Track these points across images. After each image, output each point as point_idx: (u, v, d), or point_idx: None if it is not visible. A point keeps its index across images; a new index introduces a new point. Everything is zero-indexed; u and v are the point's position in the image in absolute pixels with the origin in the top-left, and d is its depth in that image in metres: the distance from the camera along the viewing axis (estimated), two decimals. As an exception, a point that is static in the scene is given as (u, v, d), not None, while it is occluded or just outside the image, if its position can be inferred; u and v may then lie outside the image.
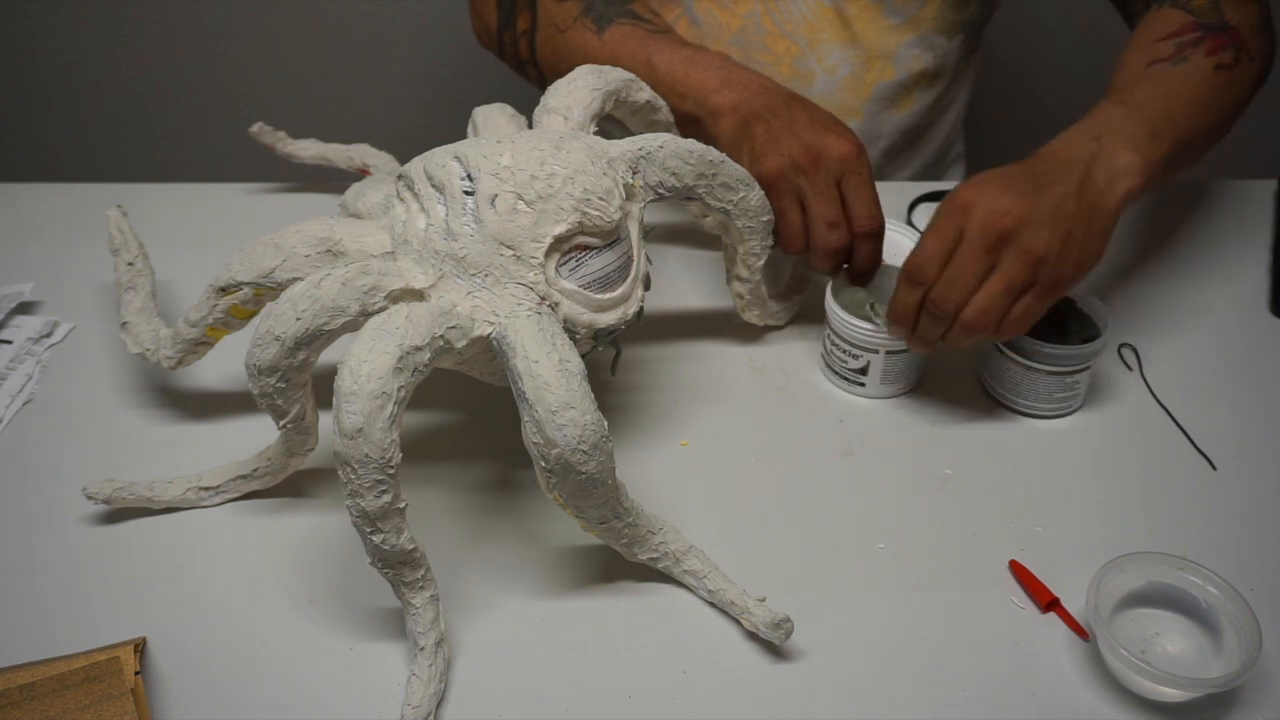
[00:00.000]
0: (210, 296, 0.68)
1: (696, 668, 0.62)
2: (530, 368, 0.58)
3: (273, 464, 0.69)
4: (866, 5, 0.97)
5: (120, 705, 0.56)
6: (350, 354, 0.56)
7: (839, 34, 0.98)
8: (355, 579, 0.66)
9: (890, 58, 1.00)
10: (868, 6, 0.97)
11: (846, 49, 0.99)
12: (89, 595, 0.65)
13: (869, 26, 0.98)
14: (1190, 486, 0.73)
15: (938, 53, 1.01)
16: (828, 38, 0.98)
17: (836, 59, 0.99)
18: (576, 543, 0.68)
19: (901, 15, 0.98)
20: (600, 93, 0.73)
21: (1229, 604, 0.61)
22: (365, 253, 0.64)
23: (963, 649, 0.63)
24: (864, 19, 0.98)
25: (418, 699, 0.58)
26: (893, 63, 1.00)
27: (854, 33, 0.98)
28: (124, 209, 0.82)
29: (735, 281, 0.79)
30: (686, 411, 0.78)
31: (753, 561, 0.67)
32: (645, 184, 0.68)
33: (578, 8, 0.89)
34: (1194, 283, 0.90)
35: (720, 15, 0.98)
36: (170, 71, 1.58)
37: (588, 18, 0.88)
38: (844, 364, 0.78)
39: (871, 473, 0.73)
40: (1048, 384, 0.75)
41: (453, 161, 0.63)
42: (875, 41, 0.99)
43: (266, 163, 0.98)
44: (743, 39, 0.98)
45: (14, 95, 1.60)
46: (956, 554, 0.68)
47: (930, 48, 1.00)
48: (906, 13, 0.98)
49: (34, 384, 0.79)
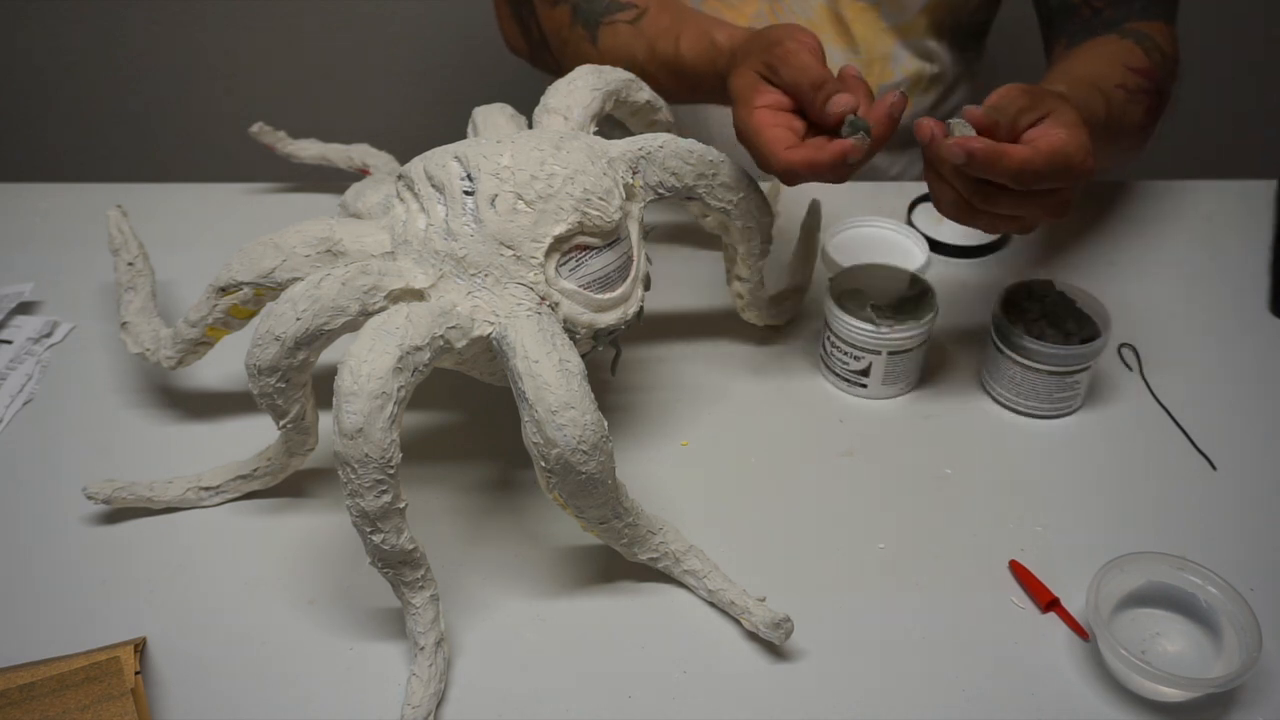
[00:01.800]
0: (210, 296, 0.68)
1: (696, 668, 0.62)
2: (530, 368, 0.58)
3: (273, 464, 0.69)
4: (863, 8, 0.98)
5: (120, 705, 0.56)
6: (350, 354, 0.56)
7: (839, 36, 0.99)
8: (355, 579, 0.66)
9: (888, 60, 1.00)
10: (864, 10, 0.98)
11: (847, 51, 1.00)
12: (89, 595, 0.65)
13: (866, 29, 0.99)
14: (1190, 486, 0.73)
15: (934, 57, 1.02)
16: (829, 39, 0.99)
17: (838, 60, 0.99)
18: (576, 543, 0.68)
19: (894, 19, 0.99)
20: (600, 93, 0.73)
21: (1229, 604, 0.61)
22: (365, 253, 0.64)
23: (963, 649, 0.63)
24: (861, 22, 0.99)
25: (418, 699, 0.58)
26: (890, 64, 1.01)
27: (852, 35, 0.99)
28: (124, 209, 0.82)
29: (735, 281, 0.79)
30: (686, 411, 0.78)
31: (753, 561, 0.67)
32: (645, 184, 0.68)
33: (567, 13, 0.89)
34: (1194, 283, 0.90)
35: (726, 14, 0.98)
36: (170, 71, 1.58)
37: (578, 25, 0.88)
38: (845, 365, 0.78)
39: (871, 473, 0.73)
40: (1048, 384, 0.75)
41: (453, 161, 0.63)
42: (873, 44, 1.00)
43: (266, 163, 0.98)
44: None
45: (14, 95, 1.60)
46: (956, 554, 0.68)
47: (925, 52, 1.01)
48: (899, 17, 0.99)
49: (34, 384, 0.79)
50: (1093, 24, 0.88)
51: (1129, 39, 0.85)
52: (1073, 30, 0.89)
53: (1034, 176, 0.63)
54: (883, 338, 0.75)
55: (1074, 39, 0.88)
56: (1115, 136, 0.79)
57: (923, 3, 0.98)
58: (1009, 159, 0.62)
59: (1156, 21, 0.88)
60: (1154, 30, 0.86)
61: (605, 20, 0.87)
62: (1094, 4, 0.88)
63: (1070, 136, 0.64)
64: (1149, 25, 0.87)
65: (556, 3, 0.90)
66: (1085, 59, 0.84)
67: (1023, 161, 0.63)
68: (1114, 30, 0.87)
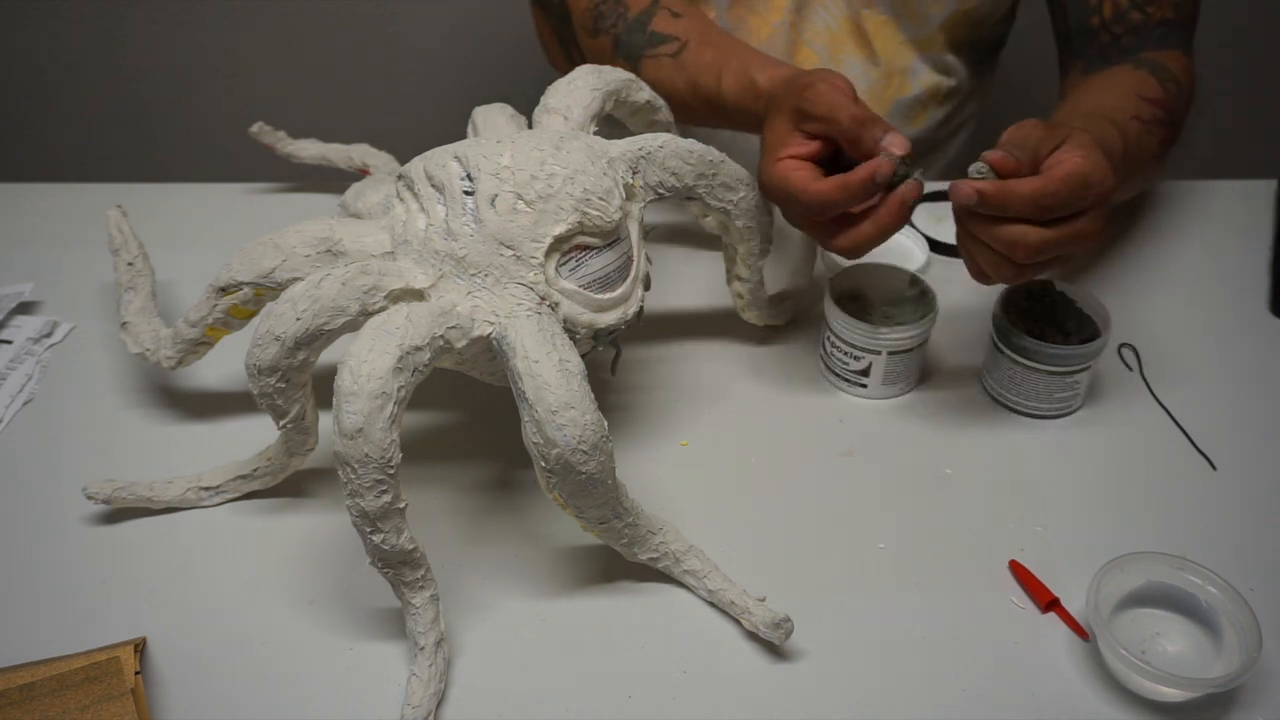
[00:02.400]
0: (210, 296, 0.68)
1: (696, 668, 0.62)
2: (530, 368, 0.58)
3: (273, 464, 0.69)
4: (884, 21, 0.98)
5: (120, 705, 0.56)
6: (350, 354, 0.56)
7: (860, 48, 0.99)
8: (355, 579, 0.66)
9: (907, 73, 1.00)
10: (885, 23, 0.98)
11: (867, 63, 1.00)
12: (89, 595, 0.65)
13: (886, 42, 0.99)
14: (1190, 486, 0.73)
15: (951, 71, 1.02)
16: (849, 50, 0.99)
17: (857, 72, 0.99)
18: (576, 543, 0.68)
19: (914, 32, 0.99)
20: (600, 93, 0.73)
21: (1229, 604, 0.61)
22: (365, 253, 0.64)
23: (963, 649, 0.63)
24: (882, 35, 0.99)
25: (418, 699, 0.58)
26: (909, 78, 1.01)
27: (873, 48, 0.99)
28: (124, 209, 0.82)
29: (735, 281, 0.79)
30: (686, 411, 0.78)
31: (753, 561, 0.67)
32: (645, 184, 0.68)
33: (609, 44, 0.89)
34: (1194, 283, 0.90)
35: (751, 21, 0.98)
36: (170, 71, 1.58)
37: (620, 57, 0.88)
38: (845, 366, 0.78)
39: (871, 473, 0.73)
40: (1048, 384, 0.75)
41: (452, 161, 0.63)
42: (893, 56, 1.00)
43: (266, 163, 0.98)
44: (769, 47, 0.98)
45: (14, 95, 1.60)
46: (956, 554, 0.68)
47: (943, 66, 1.01)
48: (919, 31, 0.99)
49: (34, 384, 0.79)
50: (1110, 51, 0.88)
51: (1144, 69, 0.85)
52: (1090, 55, 0.89)
53: (1052, 202, 0.64)
54: (883, 338, 0.75)
55: (1090, 65, 0.88)
56: (1133, 169, 0.78)
57: (943, 17, 0.98)
58: (1019, 192, 0.63)
59: (1173, 51, 0.87)
60: (1170, 60, 0.86)
61: (648, 53, 0.86)
62: (1113, 30, 0.88)
63: (1085, 157, 0.64)
64: (1165, 55, 0.86)
65: (598, 33, 0.89)
66: (1098, 91, 0.84)
67: (1035, 190, 0.63)
68: (1130, 59, 0.86)
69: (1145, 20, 0.87)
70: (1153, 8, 0.87)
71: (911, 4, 0.97)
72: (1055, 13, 0.93)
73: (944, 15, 0.98)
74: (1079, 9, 0.90)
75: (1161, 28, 0.87)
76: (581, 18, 0.91)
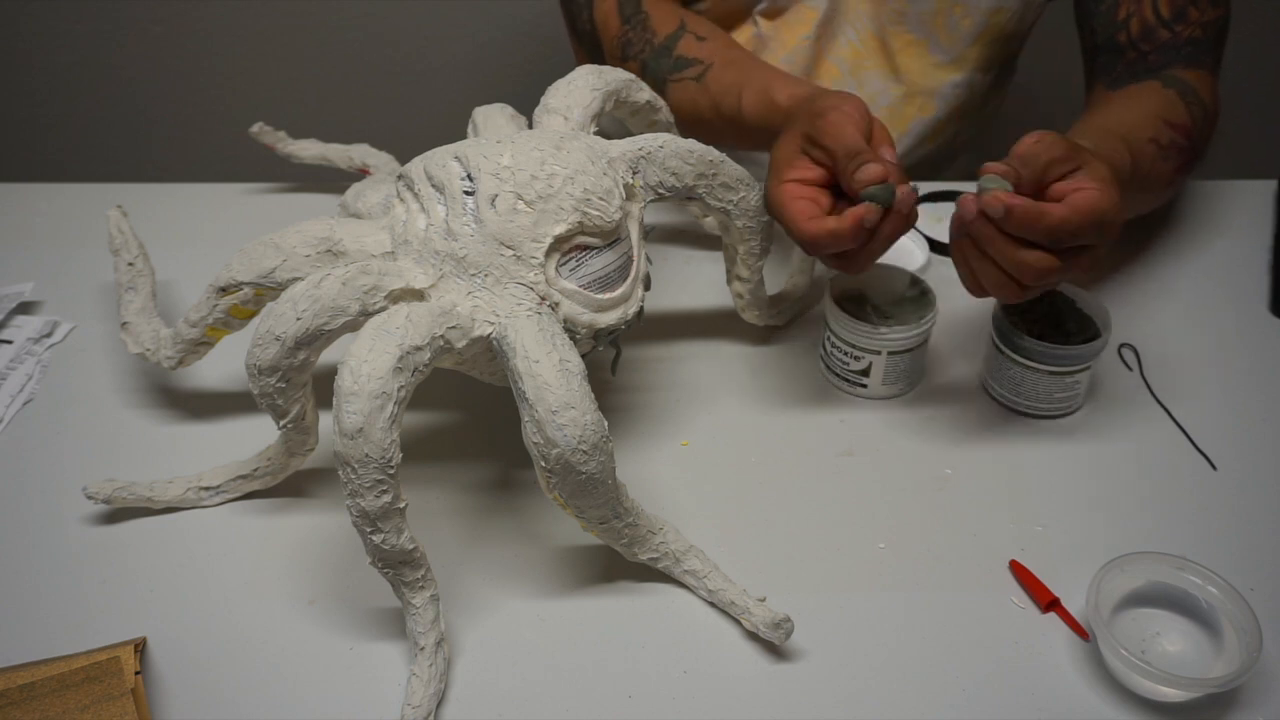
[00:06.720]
0: (210, 296, 0.68)
1: (696, 668, 0.62)
2: (530, 368, 0.58)
3: (273, 464, 0.69)
4: (911, 41, 0.97)
5: (120, 705, 0.56)
6: (350, 354, 0.56)
7: (883, 65, 0.99)
8: (355, 579, 0.66)
9: (933, 95, 1.00)
10: (912, 42, 0.97)
11: (888, 81, 0.99)
12: (89, 595, 0.65)
13: (913, 62, 0.98)
14: (1190, 486, 0.73)
15: (976, 89, 1.01)
16: (871, 66, 0.98)
17: (877, 89, 0.99)
18: (576, 543, 0.68)
19: (948, 54, 0.98)
20: (600, 93, 0.73)
21: (1229, 604, 0.61)
22: (365, 253, 0.64)
23: (963, 649, 0.63)
24: (908, 54, 0.98)
25: (418, 699, 0.58)
26: (934, 99, 1.00)
27: (897, 66, 0.98)
28: (124, 209, 0.82)
29: (735, 281, 0.79)
30: (686, 411, 0.78)
31: (753, 561, 0.67)
32: (645, 184, 0.68)
33: (637, 68, 0.90)
34: (1194, 283, 0.90)
35: (784, 33, 0.98)
36: (170, 71, 1.58)
37: (647, 80, 0.88)
38: (845, 365, 0.78)
39: (871, 473, 0.73)
40: (1048, 384, 0.75)
41: (453, 161, 0.63)
42: (919, 78, 0.99)
43: (266, 163, 0.98)
44: (792, 60, 0.98)
45: (14, 95, 1.60)
46: (956, 554, 0.68)
47: (971, 85, 1.00)
48: (953, 51, 0.98)
49: (34, 384, 0.79)
50: (1136, 67, 0.87)
51: (1172, 89, 0.83)
52: (1117, 72, 0.88)
53: (1070, 234, 0.63)
54: (883, 338, 0.75)
55: (1117, 81, 0.87)
56: (1139, 190, 0.78)
57: (975, 32, 0.96)
58: (1049, 217, 0.62)
59: (1201, 70, 0.86)
60: (1197, 80, 0.85)
61: (673, 77, 0.87)
62: (1140, 48, 0.87)
63: (1103, 193, 0.64)
64: (1193, 74, 0.85)
65: (626, 59, 0.91)
66: (1122, 107, 0.83)
67: (1061, 220, 0.62)
68: (1157, 76, 0.85)
69: (1173, 38, 0.86)
70: (1181, 26, 0.86)
71: (941, 20, 0.96)
72: (1082, 28, 0.92)
73: (975, 30, 0.96)
74: (1106, 25, 0.88)
75: (1189, 46, 0.86)
76: (611, 45, 0.92)
